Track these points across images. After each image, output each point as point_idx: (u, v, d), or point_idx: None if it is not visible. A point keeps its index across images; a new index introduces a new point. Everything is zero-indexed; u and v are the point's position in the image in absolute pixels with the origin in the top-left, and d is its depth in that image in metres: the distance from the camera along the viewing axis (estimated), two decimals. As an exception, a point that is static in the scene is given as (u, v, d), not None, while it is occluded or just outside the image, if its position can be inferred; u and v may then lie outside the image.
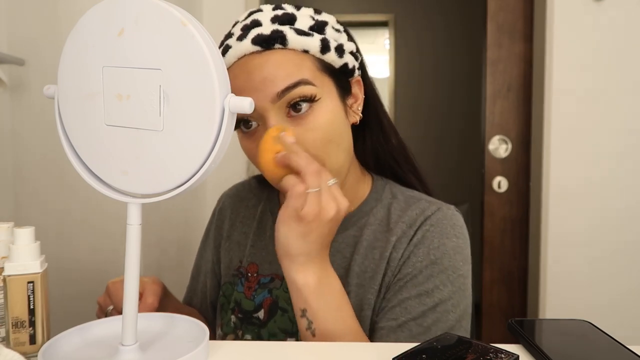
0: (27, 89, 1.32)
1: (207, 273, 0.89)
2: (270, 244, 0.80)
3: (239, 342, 0.66)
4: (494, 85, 1.80)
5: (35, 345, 0.56)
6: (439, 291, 0.68)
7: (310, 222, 0.59)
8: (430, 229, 0.71)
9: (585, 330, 0.58)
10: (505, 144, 1.82)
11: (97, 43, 0.48)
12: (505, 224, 1.83)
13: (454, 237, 0.72)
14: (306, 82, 0.65)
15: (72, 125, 0.51)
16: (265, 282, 0.79)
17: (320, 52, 0.67)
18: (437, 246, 0.70)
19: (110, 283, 0.73)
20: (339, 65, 0.70)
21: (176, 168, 0.48)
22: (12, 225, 0.61)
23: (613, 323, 1.65)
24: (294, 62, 0.66)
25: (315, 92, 0.65)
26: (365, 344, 0.58)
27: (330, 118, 0.67)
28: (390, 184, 0.80)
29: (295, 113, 0.66)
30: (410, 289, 0.68)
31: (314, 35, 0.67)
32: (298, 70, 0.65)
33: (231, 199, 0.90)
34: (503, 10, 1.78)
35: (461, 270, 0.71)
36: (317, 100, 0.66)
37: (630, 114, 1.64)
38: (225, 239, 0.87)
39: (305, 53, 0.67)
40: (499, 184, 1.82)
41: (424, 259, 0.70)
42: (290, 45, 0.66)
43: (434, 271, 0.69)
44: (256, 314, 0.78)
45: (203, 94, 0.45)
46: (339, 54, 0.69)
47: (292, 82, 0.64)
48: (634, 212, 1.66)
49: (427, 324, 0.67)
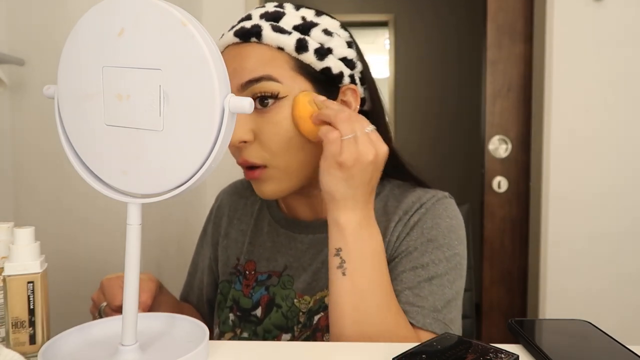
0: (27, 89, 1.32)
1: (204, 270, 0.89)
2: (267, 241, 0.81)
3: (239, 342, 0.66)
4: (494, 86, 1.80)
5: (35, 345, 0.56)
6: (434, 265, 0.69)
7: (351, 167, 0.61)
8: (425, 212, 0.73)
9: (585, 330, 0.58)
10: (505, 144, 1.82)
11: (97, 43, 0.48)
12: (505, 224, 1.83)
13: (447, 217, 0.73)
14: (269, 78, 0.67)
15: (72, 125, 0.51)
16: (262, 279, 0.79)
17: (295, 51, 0.68)
18: (431, 226, 0.72)
19: (105, 280, 0.72)
20: (319, 68, 0.70)
21: (176, 168, 0.48)
22: (12, 225, 0.61)
23: (613, 323, 1.65)
24: (264, 58, 0.67)
25: (278, 90, 0.67)
26: (365, 344, 0.58)
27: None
28: (387, 180, 0.81)
29: (261, 106, 0.67)
30: (405, 263, 0.70)
31: (292, 34, 0.68)
32: (265, 65, 0.67)
33: (229, 197, 0.91)
34: (503, 11, 1.78)
35: (456, 249, 0.72)
36: (282, 98, 0.67)
37: (630, 113, 1.64)
38: (223, 236, 0.87)
39: (280, 50, 0.68)
40: (499, 184, 1.82)
41: (418, 237, 0.71)
42: (264, 41, 0.68)
43: (429, 248, 0.70)
44: (254, 311, 0.78)
45: (203, 94, 0.45)
46: (318, 56, 0.69)
47: (255, 76, 0.66)
48: (634, 212, 1.66)
49: (422, 294, 0.67)
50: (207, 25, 0.48)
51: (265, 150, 0.68)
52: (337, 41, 0.71)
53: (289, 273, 0.78)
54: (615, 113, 1.64)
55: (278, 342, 0.74)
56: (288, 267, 0.78)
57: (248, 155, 0.68)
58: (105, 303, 0.72)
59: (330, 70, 0.70)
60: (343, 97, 0.74)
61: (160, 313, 0.62)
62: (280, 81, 0.67)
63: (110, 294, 0.70)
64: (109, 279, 0.72)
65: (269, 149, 0.68)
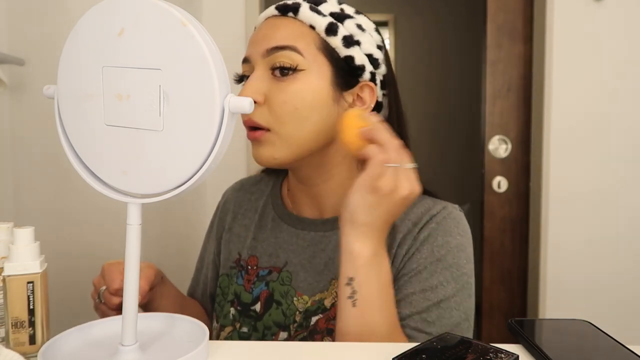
0: (27, 89, 1.31)
1: (209, 265, 0.90)
2: (270, 237, 0.82)
3: (239, 342, 0.66)
4: (494, 86, 1.80)
5: (35, 346, 0.56)
6: (442, 287, 0.69)
7: (384, 196, 0.61)
8: (436, 227, 0.72)
9: (585, 330, 0.58)
10: (505, 144, 1.82)
11: (97, 43, 0.48)
12: (505, 224, 1.83)
13: (458, 235, 0.73)
14: (293, 49, 0.70)
15: (72, 125, 0.51)
16: (263, 274, 0.80)
17: (324, 32, 0.71)
18: (441, 244, 0.71)
19: (106, 264, 0.74)
20: (343, 55, 0.72)
21: (176, 168, 0.48)
22: (12, 225, 0.61)
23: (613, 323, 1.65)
24: (295, 31, 0.71)
25: (298, 62, 0.70)
26: (365, 344, 0.58)
27: (307, 92, 0.70)
28: None
29: (279, 75, 0.70)
30: (414, 284, 0.69)
31: (326, 17, 0.72)
32: (294, 38, 0.71)
33: (236, 192, 0.92)
34: (503, 11, 1.78)
35: (464, 269, 0.71)
36: (300, 71, 0.70)
37: (630, 113, 1.64)
38: (226, 231, 0.88)
39: (311, 29, 0.72)
40: (498, 184, 1.82)
41: (428, 255, 0.70)
42: (299, 17, 0.72)
43: (438, 268, 0.70)
44: (253, 306, 0.79)
45: (203, 94, 0.45)
46: (345, 43, 0.72)
47: (280, 44, 0.70)
48: (634, 211, 1.66)
49: (431, 319, 0.67)
50: (207, 25, 0.48)
51: (272, 115, 0.70)
52: (367, 38, 0.74)
53: (288, 269, 0.78)
54: (615, 113, 1.64)
55: (278, 342, 0.74)
56: (288, 263, 0.79)
57: (254, 116, 0.70)
58: (104, 287, 0.73)
59: (352, 60, 0.72)
60: (360, 92, 0.75)
61: (160, 313, 0.62)
62: (302, 54, 0.70)
63: (109, 278, 0.72)
64: (110, 264, 0.74)
65: (275, 113, 0.70)
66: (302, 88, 0.70)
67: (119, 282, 0.72)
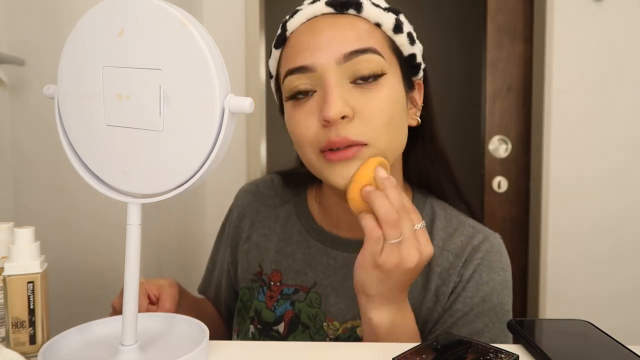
0: (27, 89, 1.31)
1: (222, 271, 0.86)
2: (297, 252, 0.76)
3: (239, 342, 0.66)
4: (494, 86, 1.80)
5: (35, 345, 0.56)
6: (488, 330, 0.67)
7: (389, 271, 0.56)
8: (480, 263, 0.69)
9: (585, 330, 0.58)
10: (505, 144, 1.82)
11: (97, 43, 0.48)
12: (505, 224, 1.83)
13: (502, 270, 0.70)
14: (375, 51, 0.62)
15: (72, 125, 0.51)
16: (288, 293, 0.74)
17: (392, 30, 0.65)
18: (487, 281, 0.68)
19: None
20: (407, 53, 0.67)
21: (176, 168, 0.48)
22: (12, 225, 0.61)
23: (613, 323, 1.65)
24: (365, 30, 0.63)
25: (382, 66, 0.62)
26: (365, 344, 0.58)
27: (392, 97, 0.63)
28: (431, 198, 0.76)
29: (362, 82, 0.62)
30: (460, 327, 0.67)
31: (389, 13, 0.65)
32: (368, 38, 0.62)
33: (251, 196, 0.84)
34: (503, 11, 1.78)
35: (507, 306, 0.69)
36: (383, 75, 0.62)
37: (630, 114, 1.64)
38: (244, 240, 0.82)
39: (377, 27, 0.64)
40: (498, 184, 1.82)
41: (474, 294, 0.68)
42: (364, 14, 0.64)
43: (484, 309, 0.67)
44: (276, 326, 0.74)
45: (203, 94, 0.45)
46: (410, 41, 0.67)
47: (362, 47, 0.61)
48: (634, 211, 1.66)
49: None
50: (207, 25, 0.48)
51: (369, 127, 0.61)
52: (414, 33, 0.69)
53: (317, 290, 0.73)
54: (615, 113, 1.64)
55: (278, 342, 0.73)
56: (317, 283, 0.73)
57: (348, 132, 0.60)
58: None
59: (415, 58, 0.68)
60: (414, 91, 0.70)
61: (160, 313, 0.62)
62: (383, 56, 0.63)
63: None
64: None
65: (373, 125, 0.61)
66: (389, 94, 0.62)
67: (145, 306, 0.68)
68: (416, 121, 0.71)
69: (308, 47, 0.62)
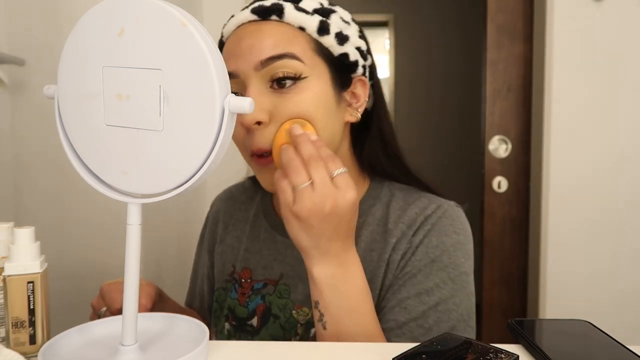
0: (27, 89, 1.31)
1: (203, 277, 0.88)
2: (264, 248, 0.79)
3: (239, 342, 0.65)
4: (494, 86, 1.80)
5: (35, 345, 0.56)
6: (439, 289, 0.67)
7: (307, 218, 0.57)
8: (431, 229, 0.70)
9: (585, 330, 0.58)
10: (505, 144, 1.82)
11: (97, 43, 0.48)
12: (505, 224, 1.83)
13: (454, 233, 0.70)
14: (292, 56, 0.64)
15: (72, 125, 0.51)
16: (258, 287, 0.77)
17: (317, 32, 0.66)
18: (436, 244, 0.69)
19: (105, 285, 0.72)
20: (337, 53, 0.68)
21: (176, 168, 0.48)
22: (12, 225, 0.61)
23: (613, 323, 1.65)
24: (286, 35, 0.65)
25: (300, 70, 0.64)
26: (364, 344, 0.58)
27: (314, 100, 0.65)
28: (389, 182, 0.78)
29: (278, 87, 0.65)
30: (409, 288, 0.67)
31: (314, 16, 0.67)
32: (288, 43, 0.65)
33: (224, 202, 0.89)
34: (503, 11, 1.78)
35: (463, 267, 0.69)
36: (302, 79, 0.65)
37: (630, 114, 1.64)
38: (218, 243, 0.85)
39: (302, 31, 0.66)
40: (499, 184, 1.82)
41: (423, 258, 0.68)
42: (286, 19, 0.65)
43: (433, 269, 0.68)
44: (249, 321, 0.76)
45: (203, 94, 0.45)
46: (339, 41, 0.68)
47: (277, 53, 0.64)
48: (634, 212, 1.66)
49: (428, 324, 0.65)
50: (207, 26, 0.48)
51: None
52: (353, 30, 0.71)
53: (285, 282, 0.75)
54: (615, 113, 1.64)
55: (278, 342, 0.73)
56: (284, 275, 0.76)
57: (261, 140, 0.65)
58: (105, 308, 0.71)
59: (347, 57, 0.69)
60: (353, 89, 0.72)
61: (160, 313, 0.62)
62: (302, 61, 0.64)
63: (109, 298, 0.70)
64: (109, 284, 0.72)
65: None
66: (309, 96, 0.65)
67: (120, 302, 0.68)
68: (355, 117, 0.73)
69: (233, 54, 0.66)
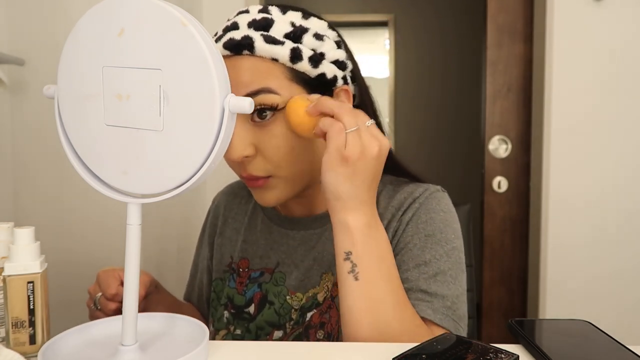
0: (27, 89, 1.31)
1: (203, 270, 0.91)
2: (261, 239, 0.82)
3: (239, 342, 0.66)
4: (494, 86, 1.80)
5: (35, 345, 0.56)
6: (436, 261, 0.68)
7: (356, 162, 0.59)
8: (419, 207, 0.72)
9: (585, 330, 0.58)
10: (505, 144, 1.82)
11: (97, 43, 0.48)
12: (505, 224, 1.83)
13: (441, 211, 0.72)
14: (268, 90, 0.66)
15: (72, 125, 0.51)
16: (255, 276, 0.80)
17: (290, 61, 0.67)
18: (425, 220, 0.71)
19: (101, 271, 0.75)
20: (314, 75, 0.69)
21: (176, 168, 0.48)
22: (12, 225, 0.61)
23: (613, 323, 1.65)
24: (259, 70, 0.66)
25: (277, 102, 0.66)
26: (365, 344, 0.58)
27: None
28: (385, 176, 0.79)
29: (260, 119, 0.67)
30: (407, 261, 0.69)
31: (285, 44, 0.67)
32: (262, 78, 0.66)
33: (225, 197, 0.92)
34: (503, 11, 1.78)
35: (454, 243, 0.71)
36: (281, 109, 0.66)
37: (630, 114, 1.64)
38: (218, 235, 0.88)
39: (275, 61, 0.67)
40: (499, 184, 1.82)
41: (415, 233, 0.70)
42: (258, 53, 0.66)
43: (428, 243, 0.69)
44: (247, 308, 0.79)
45: (203, 94, 0.45)
46: (313, 64, 0.68)
47: (253, 90, 0.65)
48: (634, 212, 1.66)
49: (431, 290, 0.66)
50: (207, 25, 0.48)
51: (269, 163, 0.68)
52: (328, 44, 0.71)
53: (281, 270, 0.78)
54: (615, 113, 1.64)
55: (277, 342, 0.74)
56: (280, 263, 0.79)
57: (252, 169, 0.68)
58: (100, 293, 0.74)
59: (324, 76, 0.70)
60: (337, 99, 0.73)
61: (160, 313, 0.62)
62: (278, 92, 0.66)
63: (105, 284, 0.73)
64: (105, 271, 0.75)
65: (272, 161, 0.68)
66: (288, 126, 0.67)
67: (115, 287, 0.72)
68: None
69: None
